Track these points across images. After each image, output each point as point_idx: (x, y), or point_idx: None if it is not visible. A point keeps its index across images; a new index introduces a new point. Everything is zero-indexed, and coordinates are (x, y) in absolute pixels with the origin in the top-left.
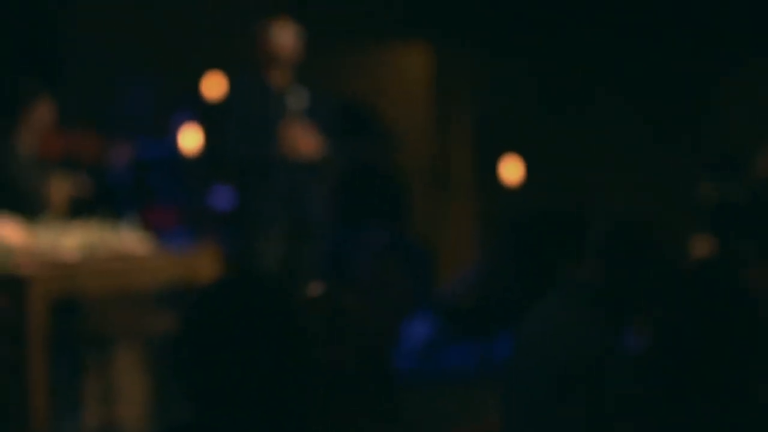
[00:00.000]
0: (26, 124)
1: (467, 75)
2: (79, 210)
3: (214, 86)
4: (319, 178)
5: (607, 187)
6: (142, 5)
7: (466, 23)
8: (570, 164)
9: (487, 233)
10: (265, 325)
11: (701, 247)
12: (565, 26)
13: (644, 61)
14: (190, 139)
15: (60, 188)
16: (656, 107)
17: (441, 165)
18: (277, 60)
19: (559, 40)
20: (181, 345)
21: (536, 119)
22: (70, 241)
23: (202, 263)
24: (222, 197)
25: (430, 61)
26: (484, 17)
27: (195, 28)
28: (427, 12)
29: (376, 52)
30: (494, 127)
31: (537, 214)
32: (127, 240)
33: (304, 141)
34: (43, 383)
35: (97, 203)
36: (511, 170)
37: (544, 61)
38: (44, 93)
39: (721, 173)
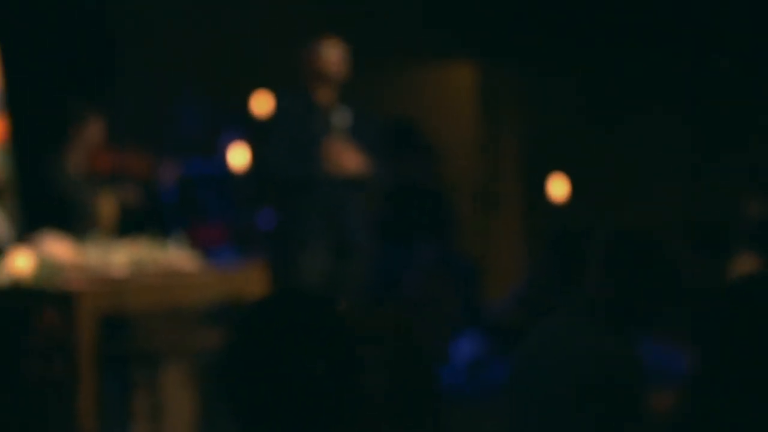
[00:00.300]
0: (77, 143)
1: (514, 93)
2: (127, 227)
3: (261, 104)
4: (362, 195)
5: (654, 204)
6: (192, 26)
7: (512, 42)
8: (617, 181)
9: (534, 250)
10: (314, 342)
11: (746, 264)
12: (612, 43)
13: (693, 78)
14: (239, 157)
15: (109, 205)
16: (705, 124)
17: (488, 182)
18: (324, 78)
19: (606, 56)
20: (228, 362)
21: (583, 136)
22: (119, 257)
23: (250, 280)
24: (269, 215)
25: (478, 79)
26: (530, 36)
27: (244, 47)
28: (474, 32)
29: (424, 72)
30: (541, 144)
31: (582, 231)
32: (174, 257)
33: (348, 158)
34: (91, 399)
35: (145, 220)
36: (559, 187)
37: (590, 77)
38: (95, 112)
39: None
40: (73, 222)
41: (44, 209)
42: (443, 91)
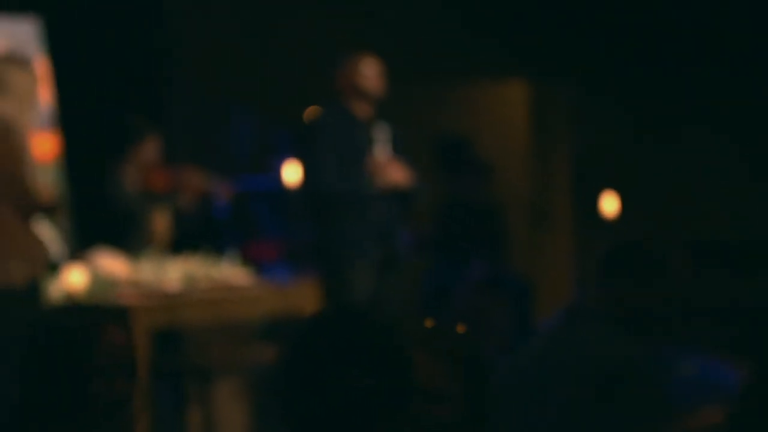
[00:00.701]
0: (134, 161)
1: (565, 110)
2: (182, 243)
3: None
4: (406, 209)
5: (702, 221)
6: (245, 43)
7: (564, 61)
8: (666, 197)
9: (585, 267)
10: (368, 359)
11: None
12: (661, 61)
13: (741, 97)
14: (292, 173)
15: (163, 222)
16: (753, 142)
17: (540, 199)
18: (364, 93)
19: (655, 74)
20: (282, 377)
21: (632, 153)
22: (173, 272)
23: (303, 296)
24: (314, 229)
25: (529, 97)
26: (581, 55)
27: (297, 64)
28: (527, 50)
29: (477, 89)
30: (592, 161)
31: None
32: (228, 272)
33: (394, 172)
34: (146, 415)
35: (199, 237)
36: (610, 204)
37: (640, 95)
38: (151, 130)
39: None
40: (129, 238)
41: (98, 226)
42: (496, 108)
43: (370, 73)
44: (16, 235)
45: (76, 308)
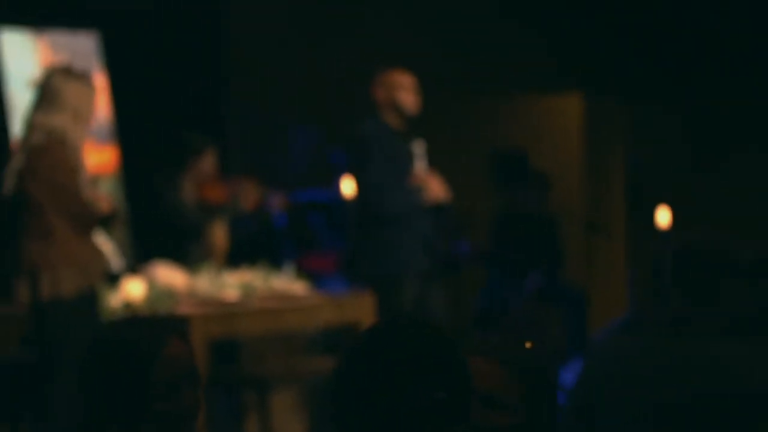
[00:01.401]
0: (191, 173)
1: (619, 124)
2: (239, 255)
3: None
4: (442, 221)
5: (755, 234)
6: (302, 56)
7: (618, 76)
8: (719, 211)
9: (640, 278)
10: (425, 370)
11: None
12: (715, 79)
13: None
14: (349, 186)
15: (220, 233)
16: None
17: (594, 211)
18: (400, 108)
19: (709, 92)
20: (339, 388)
21: (686, 166)
22: (230, 283)
23: (360, 307)
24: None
25: (584, 111)
26: (635, 70)
27: (353, 77)
28: (581, 65)
29: (532, 104)
30: (646, 174)
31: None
32: (285, 283)
33: (436, 186)
34: (203, 425)
35: (256, 249)
36: (664, 217)
37: (693, 110)
38: (210, 145)
39: None
40: (186, 250)
41: (156, 238)
42: (552, 121)
43: (407, 87)
44: (70, 246)
45: (136, 320)
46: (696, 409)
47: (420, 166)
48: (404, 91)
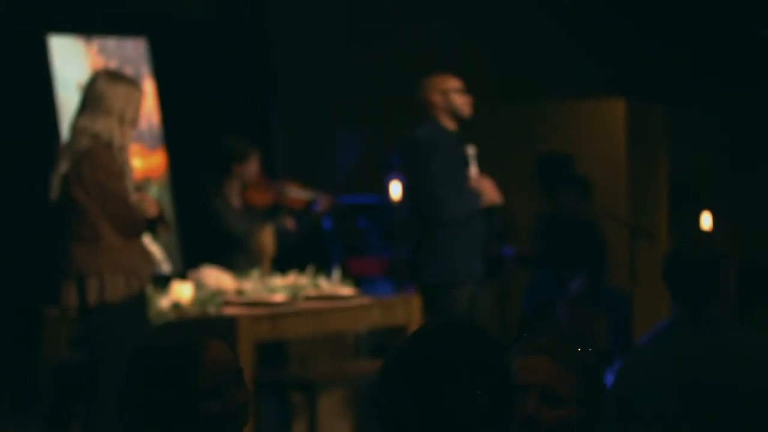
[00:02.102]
0: (237, 178)
1: (662, 129)
2: (286, 258)
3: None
4: (494, 224)
5: None
6: (351, 59)
7: (661, 81)
8: (760, 213)
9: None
10: (472, 372)
11: None
12: (754, 81)
13: None
14: (397, 189)
15: (268, 237)
16: None
17: (638, 214)
18: (456, 111)
19: (750, 95)
20: (385, 390)
21: (726, 169)
22: (277, 285)
23: (407, 310)
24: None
25: (627, 116)
26: (678, 75)
27: (402, 83)
28: (625, 70)
29: (576, 108)
30: (688, 178)
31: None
32: (332, 286)
33: (491, 189)
34: (252, 427)
35: (303, 252)
36: (707, 220)
37: (735, 115)
38: (254, 149)
39: None
40: (233, 253)
41: (203, 241)
42: (595, 126)
43: (461, 91)
44: (117, 250)
45: (175, 325)
46: (734, 406)
47: (474, 169)
48: (458, 94)
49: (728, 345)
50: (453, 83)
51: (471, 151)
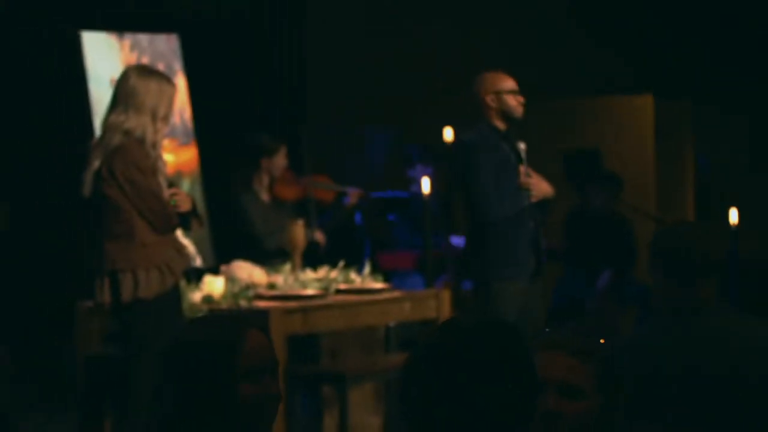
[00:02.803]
0: (266, 172)
1: (688, 125)
2: (316, 253)
3: (452, 136)
4: (544, 219)
5: None
6: (380, 60)
7: (689, 78)
8: None
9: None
10: (498, 367)
11: None
12: None
13: None
14: (428, 186)
15: (298, 231)
16: None
17: (665, 210)
18: (507, 111)
19: None
20: (412, 384)
21: (754, 166)
22: (308, 279)
23: (436, 305)
24: (458, 240)
25: (655, 112)
26: (706, 72)
27: (431, 77)
28: (652, 67)
29: (604, 105)
30: (715, 175)
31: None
32: (362, 280)
33: (542, 185)
34: (283, 419)
35: (333, 246)
36: (734, 216)
37: (759, 111)
38: (282, 143)
39: None
40: (264, 247)
41: (234, 235)
42: (623, 122)
43: (514, 91)
44: (151, 246)
45: (215, 317)
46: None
47: (524, 166)
48: (511, 95)
49: (724, 331)
50: (507, 84)
51: (522, 146)
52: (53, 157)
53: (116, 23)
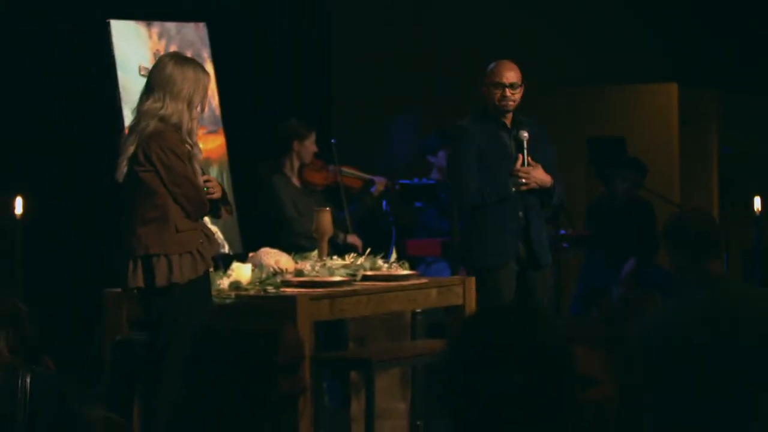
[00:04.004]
0: (297, 156)
1: (713, 113)
2: (340, 238)
3: None
4: (545, 208)
5: None
6: (407, 48)
7: (713, 66)
8: None
9: (733, 265)
10: (528, 353)
11: None
12: None
13: None
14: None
15: (326, 217)
16: None
17: (689, 197)
18: (504, 98)
19: None
20: (446, 371)
21: None
22: (335, 266)
23: (462, 291)
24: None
25: (680, 101)
26: (729, 60)
27: (459, 69)
28: (677, 56)
29: (629, 92)
30: (739, 162)
31: None
32: (389, 266)
33: (537, 174)
34: (309, 406)
35: (360, 232)
36: (757, 203)
37: None
38: (310, 131)
39: None
40: (291, 234)
41: (261, 223)
42: (648, 110)
43: (500, 84)
44: (183, 231)
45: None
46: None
47: (523, 155)
48: (498, 88)
49: (735, 301)
50: (497, 77)
51: (525, 135)
52: (83, 144)
53: (144, 12)
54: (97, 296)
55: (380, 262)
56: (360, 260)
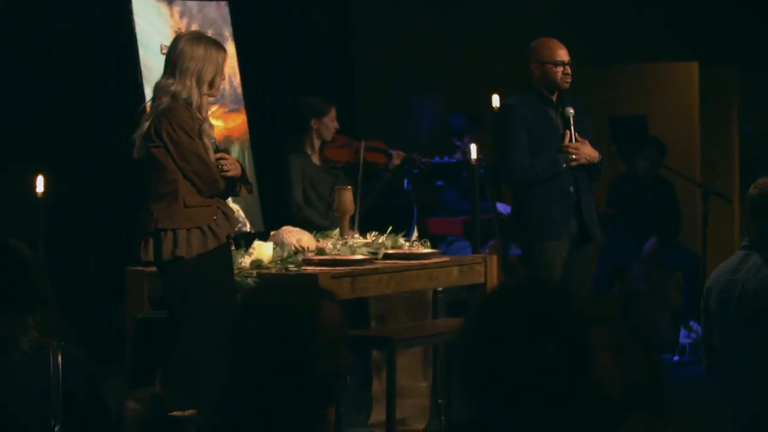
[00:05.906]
0: (317, 134)
1: (733, 92)
2: (365, 215)
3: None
4: (593, 183)
5: None
6: (427, 28)
7: (733, 45)
8: None
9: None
10: (548, 328)
11: None
12: None
13: None
14: (475, 151)
15: (347, 196)
16: None
17: (710, 177)
18: (546, 79)
19: None
20: (467, 347)
21: None
22: (357, 244)
23: (484, 268)
24: (504, 206)
25: (701, 80)
26: (750, 39)
27: (479, 44)
28: (697, 35)
29: (650, 71)
30: (760, 141)
31: None
32: (410, 246)
33: (586, 149)
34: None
35: (382, 210)
36: None
37: None
38: (332, 106)
39: None
40: (313, 211)
41: (283, 200)
42: (669, 89)
43: (557, 62)
44: (193, 206)
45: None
46: None
47: (570, 131)
48: (557, 66)
49: None
50: (552, 55)
51: (571, 111)
52: (104, 122)
53: None
54: (119, 274)
55: (401, 240)
56: (381, 239)
